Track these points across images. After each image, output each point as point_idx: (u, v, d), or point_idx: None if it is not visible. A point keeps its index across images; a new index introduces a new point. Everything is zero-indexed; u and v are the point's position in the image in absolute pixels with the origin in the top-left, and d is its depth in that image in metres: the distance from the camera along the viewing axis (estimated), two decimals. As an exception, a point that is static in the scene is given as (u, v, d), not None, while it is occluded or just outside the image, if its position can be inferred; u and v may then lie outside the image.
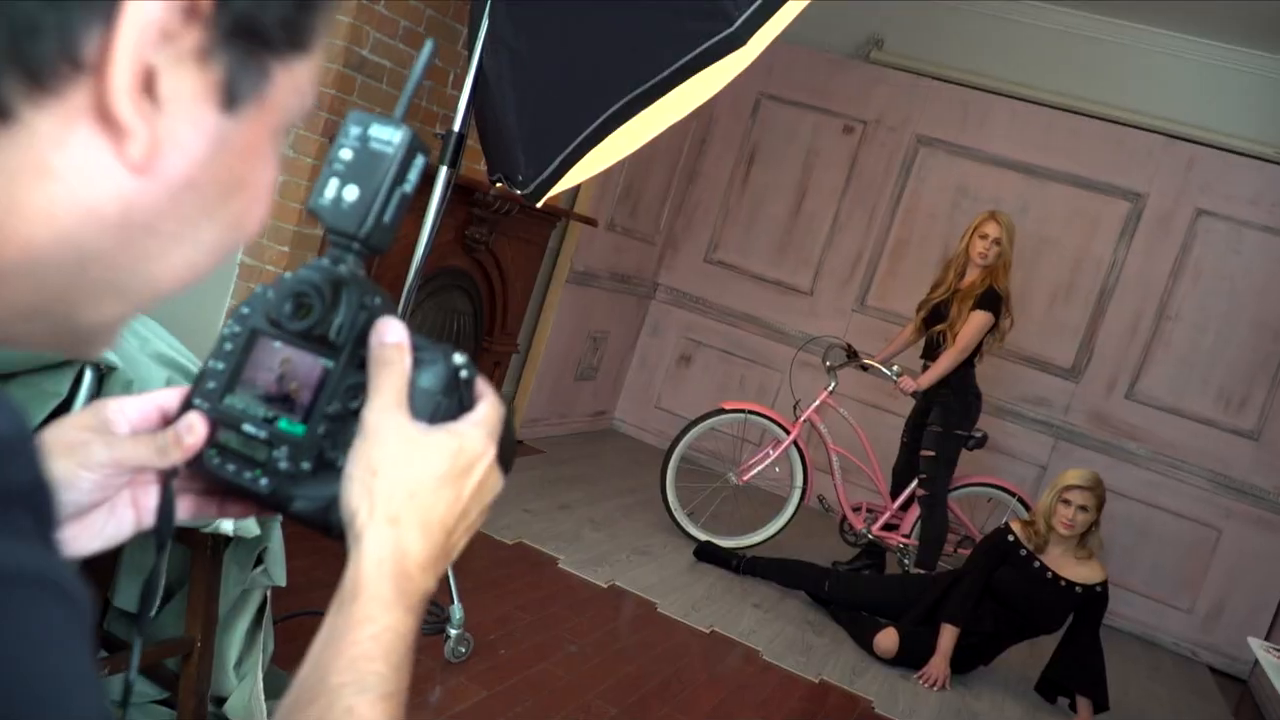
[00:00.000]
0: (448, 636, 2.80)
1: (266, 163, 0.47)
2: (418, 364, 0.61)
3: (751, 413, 4.64)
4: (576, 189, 5.10)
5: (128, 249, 0.42)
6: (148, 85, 0.39)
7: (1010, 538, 3.86)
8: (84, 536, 0.64)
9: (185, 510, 0.68)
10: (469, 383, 0.63)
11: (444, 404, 0.62)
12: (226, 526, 1.72)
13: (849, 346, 4.71)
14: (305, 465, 0.60)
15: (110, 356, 1.61)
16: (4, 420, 0.35)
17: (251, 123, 0.44)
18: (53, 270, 0.41)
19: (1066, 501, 3.75)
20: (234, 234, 0.47)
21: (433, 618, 2.95)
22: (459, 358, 0.63)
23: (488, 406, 0.63)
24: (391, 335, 0.60)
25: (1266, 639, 4.80)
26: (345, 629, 0.56)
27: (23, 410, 0.36)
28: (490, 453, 0.62)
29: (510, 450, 0.69)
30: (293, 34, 0.44)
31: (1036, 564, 3.81)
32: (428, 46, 0.64)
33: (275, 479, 0.60)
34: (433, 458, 0.60)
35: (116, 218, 0.41)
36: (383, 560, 0.58)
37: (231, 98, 0.42)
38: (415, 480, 0.59)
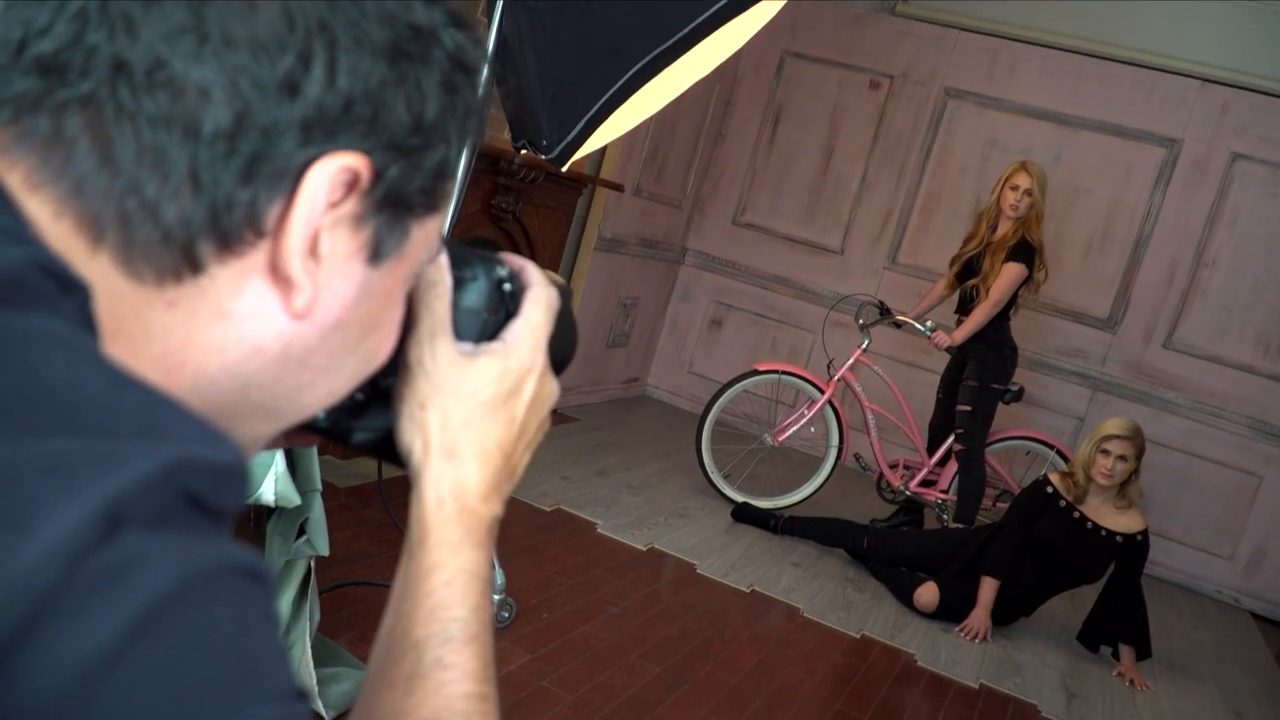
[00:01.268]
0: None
1: (398, 304, 0.54)
2: (459, 283, 0.60)
3: (785, 373, 4.63)
4: (602, 154, 5.08)
5: (284, 379, 0.49)
6: (313, 247, 0.46)
7: (1049, 489, 3.84)
8: None
9: (259, 447, 0.69)
10: (514, 294, 0.62)
11: (490, 321, 0.61)
12: (268, 497, 1.74)
13: (882, 304, 4.68)
14: (359, 396, 0.59)
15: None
16: (231, 454, 0.41)
17: (391, 272, 0.51)
18: (217, 395, 0.48)
19: (1105, 451, 3.72)
20: (369, 364, 0.54)
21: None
22: (501, 270, 0.62)
23: (533, 308, 0.62)
24: None
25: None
26: (419, 578, 0.57)
27: (240, 447, 0.43)
28: (539, 363, 0.62)
29: (569, 341, 0.67)
30: (429, 199, 0.51)
31: (1076, 514, 3.79)
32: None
33: (331, 413, 0.59)
34: (480, 382, 0.59)
35: (277, 353, 0.48)
36: (443, 499, 0.58)
37: (377, 254, 0.49)
38: (465, 408, 0.59)
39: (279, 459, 1.74)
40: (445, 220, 0.55)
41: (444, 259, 0.60)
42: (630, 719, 2.58)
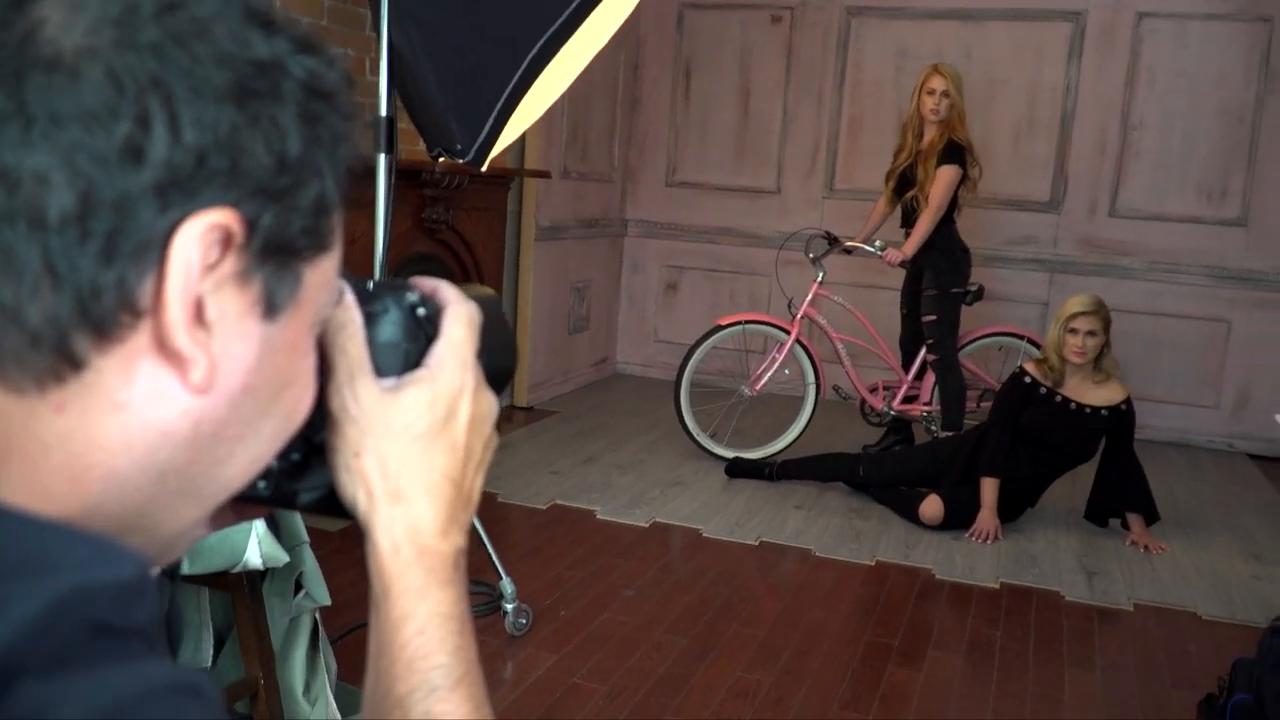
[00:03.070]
0: (505, 612, 2.82)
1: (307, 354, 0.52)
2: (370, 319, 0.57)
3: (748, 323, 4.62)
4: (522, 145, 5.03)
5: (200, 458, 0.47)
6: (198, 315, 0.44)
7: (1027, 379, 3.87)
8: None
9: (204, 528, 0.67)
10: (431, 317, 0.59)
11: (412, 350, 0.58)
12: (255, 562, 1.72)
13: (828, 234, 4.67)
14: (295, 456, 0.57)
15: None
16: (130, 567, 0.39)
17: (291, 323, 0.49)
18: (134, 491, 0.45)
19: (1073, 330, 3.75)
20: (290, 423, 0.52)
21: (486, 596, 2.97)
22: (412, 295, 0.59)
23: (453, 327, 0.59)
24: None
25: (1298, 415, 4.82)
26: (390, 632, 0.55)
27: (142, 556, 0.41)
28: (468, 381, 0.58)
29: (504, 349, 0.65)
30: (316, 239, 0.48)
31: (1058, 398, 3.82)
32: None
33: (270, 479, 0.57)
34: (411, 415, 0.56)
35: (187, 434, 0.45)
36: (398, 545, 0.56)
37: (271, 307, 0.47)
38: (402, 446, 0.56)
39: (257, 521, 1.72)
40: (339, 258, 0.52)
41: (350, 297, 0.57)
42: (666, 695, 2.58)
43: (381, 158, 2.72)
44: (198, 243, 0.42)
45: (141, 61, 0.41)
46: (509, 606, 2.82)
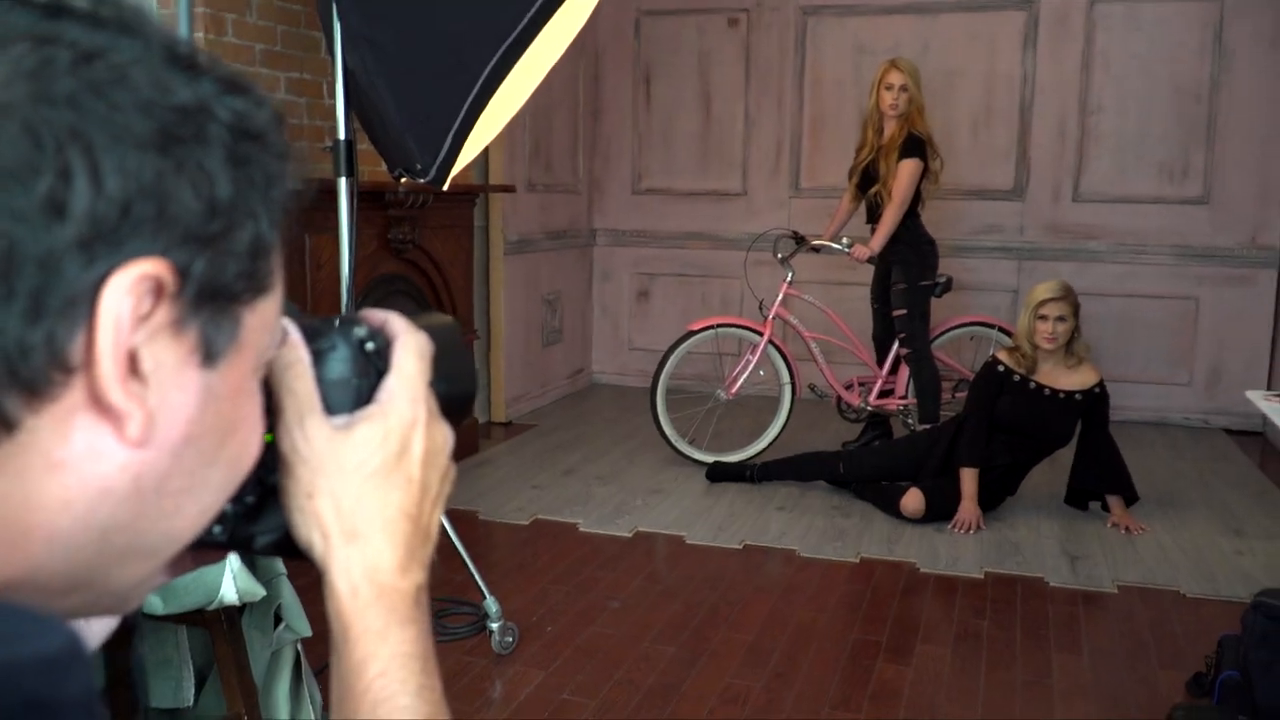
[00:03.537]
0: (491, 631, 2.80)
1: (251, 396, 0.51)
2: (318, 356, 0.56)
3: (720, 326, 4.63)
4: (485, 160, 5.02)
5: (145, 513, 0.45)
6: (132, 367, 0.43)
7: (1000, 368, 3.88)
8: None
9: (163, 575, 0.65)
10: (380, 351, 0.58)
11: (363, 385, 0.57)
12: (231, 598, 1.69)
13: (795, 233, 4.69)
14: (249, 499, 0.56)
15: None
16: (57, 638, 0.38)
17: (232, 368, 0.47)
18: (77, 549, 0.44)
19: (1043, 317, 3.77)
20: (238, 469, 0.51)
21: (471, 617, 2.95)
22: (360, 330, 0.58)
23: (403, 359, 0.57)
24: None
25: (1268, 389, 4.87)
26: (351, 676, 0.54)
27: (75, 628, 0.39)
28: (421, 414, 0.57)
29: (462, 377, 0.64)
30: (253, 281, 0.47)
31: (1032, 385, 3.84)
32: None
33: (226, 523, 0.56)
34: (364, 453, 0.55)
35: (128, 489, 0.44)
36: (356, 587, 0.55)
37: (210, 354, 0.46)
38: (355, 485, 0.55)
39: (231, 556, 1.69)
40: (280, 298, 0.51)
41: (296, 336, 0.56)
42: (657, 706, 2.57)
43: (342, 181, 2.71)
44: (127, 294, 0.42)
45: (59, 114, 0.40)
46: (494, 626, 2.80)
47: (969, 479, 3.84)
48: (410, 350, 0.58)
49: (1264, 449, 5.06)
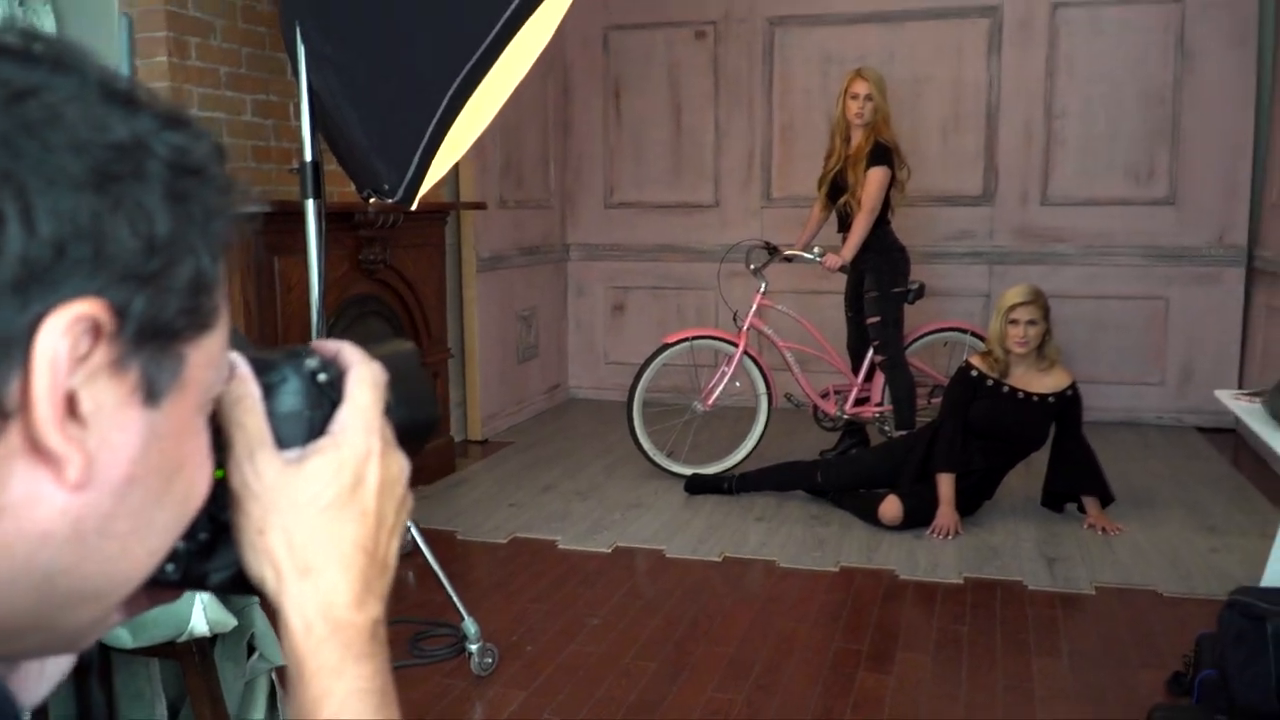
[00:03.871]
0: (470, 653, 2.78)
1: (197, 434, 0.50)
2: (269, 390, 0.55)
3: (695, 338, 4.63)
4: (456, 178, 5.01)
5: (89, 556, 0.45)
6: (71, 410, 0.42)
7: (974, 373, 3.90)
8: (29, 685, 0.61)
9: (116, 616, 0.64)
10: (333, 382, 0.57)
11: (316, 417, 0.56)
12: (202, 628, 1.67)
13: (767, 244, 4.70)
14: (201, 536, 0.55)
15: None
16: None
17: (176, 406, 0.47)
18: (19, 596, 0.43)
19: (1014, 321, 3.79)
20: (186, 508, 0.50)
21: (450, 638, 2.92)
22: (311, 361, 0.57)
23: (356, 390, 0.57)
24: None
25: (1239, 387, 4.91)
26: (308, 713, 0.53)
27: (10, 693, 0.39)
28: (375, 446, 0.56)
29: (420, 403, 0.63)
30: (195, 317, 0.46)
31: (1005, 389, 3.85)
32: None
33: (179, 561, 0.55)
34: (316, 486, 0.54)
35: (69, 534, 0.44)
36: (310, 623, 0.54)
37: (152, 393, 0.45)
38: (308, 519, 0.54)
39: (201, 587, 1.67)
40: (225, 333, 0.50)
41: (245, 370, 0.55)
42: (639, 723, 2.55)
43: (309, 203, 2.69)
44: (64, 335, 0.41)
45: None
46: (473, 647, 2.78)
47: (945, 484, 3.85)
48: (364, 381, 0.57)
49: (1236, 446, 5.10)
